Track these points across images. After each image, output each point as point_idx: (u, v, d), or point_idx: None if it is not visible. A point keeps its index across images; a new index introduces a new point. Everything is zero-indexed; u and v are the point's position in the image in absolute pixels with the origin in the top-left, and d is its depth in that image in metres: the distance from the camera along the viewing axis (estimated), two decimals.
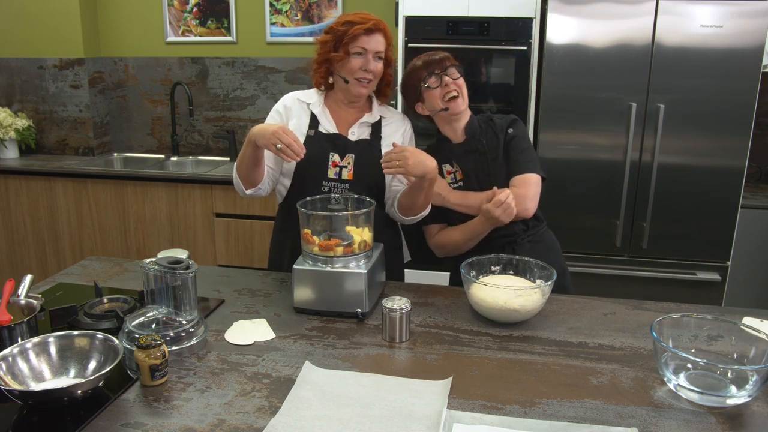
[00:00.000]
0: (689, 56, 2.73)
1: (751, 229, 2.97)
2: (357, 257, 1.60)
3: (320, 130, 1.84)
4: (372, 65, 1.76)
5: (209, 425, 1.14)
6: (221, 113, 3.92)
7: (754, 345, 1.31)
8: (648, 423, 1.16)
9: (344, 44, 1.75)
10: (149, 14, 3.87)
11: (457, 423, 1.14)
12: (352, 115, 1.88)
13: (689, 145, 2.82)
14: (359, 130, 1.86)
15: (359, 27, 1.73)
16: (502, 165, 1.84)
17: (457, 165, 1.88)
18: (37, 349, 1.28)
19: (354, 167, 1.82)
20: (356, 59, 1.75)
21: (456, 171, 1.88)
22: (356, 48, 1.74)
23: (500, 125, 1.87)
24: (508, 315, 1.53)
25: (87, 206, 3.52)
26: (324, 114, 1.86)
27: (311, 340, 1.48)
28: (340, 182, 1.82)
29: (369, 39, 1.75)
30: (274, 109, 1.91)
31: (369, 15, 1.78)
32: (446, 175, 1.89)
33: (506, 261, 1.71)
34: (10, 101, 3.94)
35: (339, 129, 1.85)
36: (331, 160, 1.82)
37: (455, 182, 1.88)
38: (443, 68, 1.81)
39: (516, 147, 1.85)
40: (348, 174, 1.81)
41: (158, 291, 1.44)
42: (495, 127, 1.87)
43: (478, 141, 1.85)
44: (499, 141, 1.85)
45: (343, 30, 1.75)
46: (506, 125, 1.87)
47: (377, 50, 1.77)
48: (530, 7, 2.95)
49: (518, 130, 1.87)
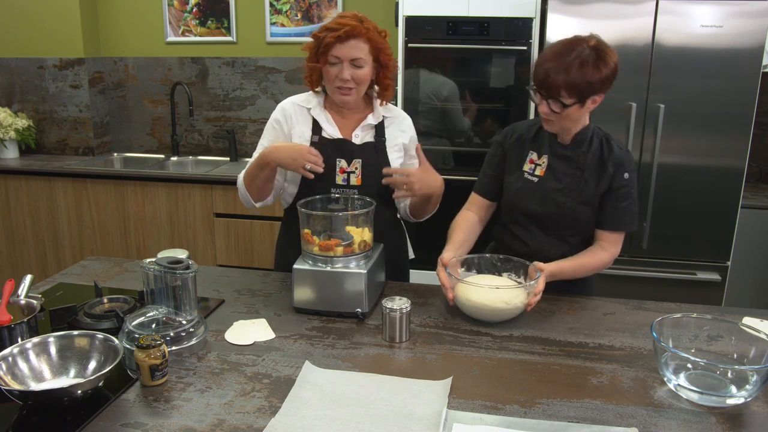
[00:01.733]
0: (689, 56, 2.73)
1: (751, 229, 2.97)
2: (357, 257, 1.60)
3: (324, 135, 1.80)
4: (346, 73, 1.68)
5: (209, 425, 1.14)
6: (221, 113, 3.92)
7: (754, 345, 1.31)
8: (648, 423, 1.16)
9: (321, 53, 1.69)
10: (149, 14, 3.87)
11: (457, 423, 1.14)
12: (354, 117, 1.84)
13: (689, 145, 2.82)
14: (363, 133, 1.82)
15: (331, 35, 1.65)
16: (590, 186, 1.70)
17: (545, 160, 1.74)
18: (37, 349, 1.28)
19: (362, 172, 1.79)
20: (332, 68, 1.69)
21: (540, 165, 1.75)
22: (331, 58, 1.68)
23: (617, 158, 1.68)
24: (494, 314, 1.54)
25: (87, 206, 3.52)
26: (326, 118, 1.81)
27: (311, 340, 1.48)
28: (349, 188, 1.79)
29: (342, 46, 1.66)
30: (273, 117, 1.85)
31: (347, 19, 1.68)
32: (528, 163, 1.76)
33: (489, 260, 1.72)
34: (10, 101, 3.94)
35: (342, 133, 1.81)
36: (339, 166, 1.78)
37: (531, 174, 1.75)
38: (548, 93, 1.59)
39: (625, 195, 1.69)
40: (356, 179, 1.78)
41: (158, 291, 1.44)
42: (607, 154, 1.69)
43: (583, 154, 1.70)
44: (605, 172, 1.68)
45: (321, 37, 1.69)
46: (623, 166, 1.68)
47: (353, 57, 1.67)
48: (530, 7, 2.95)
49: (633, 177, 1.70)
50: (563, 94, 1.57)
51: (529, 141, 1.78)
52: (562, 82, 1.55)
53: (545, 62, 1.59)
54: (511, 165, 1.80)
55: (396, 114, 1.90)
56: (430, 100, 3.17)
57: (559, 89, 1.56)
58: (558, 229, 1.74)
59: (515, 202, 1.78)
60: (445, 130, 3.21)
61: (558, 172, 1.72)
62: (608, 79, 1.59)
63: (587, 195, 1.70)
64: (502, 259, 1.70)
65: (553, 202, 1.72)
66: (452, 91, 3.15)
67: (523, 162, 1.78)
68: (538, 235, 1.77)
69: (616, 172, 1.69)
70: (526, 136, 1.79)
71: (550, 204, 1.72)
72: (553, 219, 1.73)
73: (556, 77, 1.55)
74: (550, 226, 1.75)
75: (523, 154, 1.78)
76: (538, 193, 1.74)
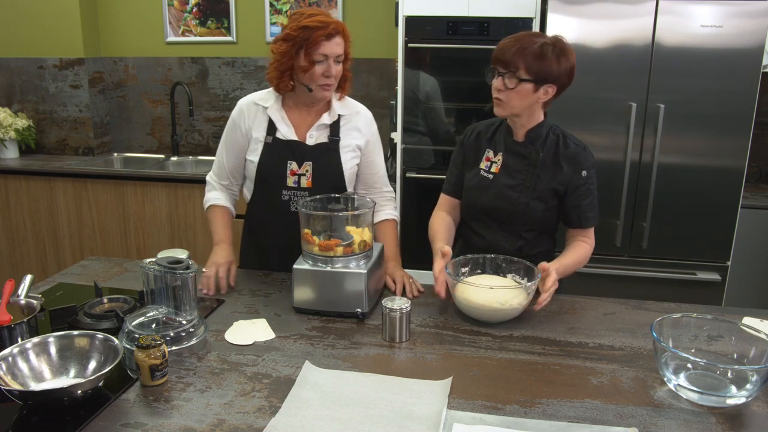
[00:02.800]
0: (689, 56, 2.73)
1: (751, 229, 2.97)
2: (357, 257, 1.60)
3: (278, 136, 1.81)
4: (333, 70, 1.71)
5: (209, 425, 1.14)
6: (221, 113, 3.92)
7: (754, 345, 1.31)
8: (648, 423, 1.16)
9: (306, 52, 1.68)
10: (149, 14, 3.87)
11: (457, 423, 1.14)
12: (310, 117, 1.84)
13: (689, 145, 2.82)
14: (317, 133, 1.82)
15: (320, 33, 1.66)
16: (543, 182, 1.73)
17: (500, 158, 1.77)
18: (37, 349, 1.28)
19: (312, 175, 1.80)
20: (319, 66, 1.69)
21: (496, 162, 1.78)
22: (318, 56, 1.68)
23: (572, 156, 1.72)
24: (491, 314, 1.55)
25: (87, 206, 3.52)
26: (282, 119, 1.81)
27: (311, 340, 1.48)
28: (299, 190, 1.81)
29: (329, 44, 1.68)
30: (231, 116, 1.86)
31: (325, 17, 1.70)
32: (484, 161, 1.80)
33: (489, 261, 1.72)
34: (10, 101, 3.94)
35: (297, 133, 1.81)
36: (289, 168, 1.80)
37: (487, 171, 1.79)
38: (506, 67, 1.63)
39: (586, 192, 1.73)
40: (307, 182, 1.80)
41: (158, 291, 1.44)
42: (562, 150, 1.73)
43: (535, 151, 1.74)
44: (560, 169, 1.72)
45: (304, 36, 1.67)
46: (580, 164, 1.72)
47: (338, 54, 1.71)
48: (530, 7, 2.95)
49: (592, 172, 1.74)
50: (520, 70, 1.61)
51: (487, 139, 1.83)
52: (519, 57, 1.61)
53: (506, 42, 1.65)
54: (469, 163, 1.85)
55: (354, 110, 1.88)
56: (430, 100, 3.17)
57: (517, 63, 1.61)
58: (513, 224, 1.79)
59: (472, 198, 1.83)
60: (446, 130, 3.21)
61: (512, 169, 1.77)
62: (565, 74, 1.64)
63: (540, 191, 1.74)
64: (507, 260, 1.70)
65: (506, 198, 1.76)
66: (451, 91, 3.15)
67: (480, 160, 1.82)
68: (495, 230, 1.81)
69: (573, 171, 1.72)
70: (484, 135, 1.84)
71: (504, 200, 1.76)
72: (507, 214, 1.77)
73: (515, 51, 1.61)
74: (506, 222, 1.79)
75: (480, 152, 1.83)
76: (492, 190, 1.78)
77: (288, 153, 1.80)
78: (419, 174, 3.19)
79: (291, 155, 1.80)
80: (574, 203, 1.75)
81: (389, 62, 3.56)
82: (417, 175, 3.19)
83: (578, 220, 1.77)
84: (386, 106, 3.51)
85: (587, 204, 1.75)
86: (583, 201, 1.74)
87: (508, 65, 1.63)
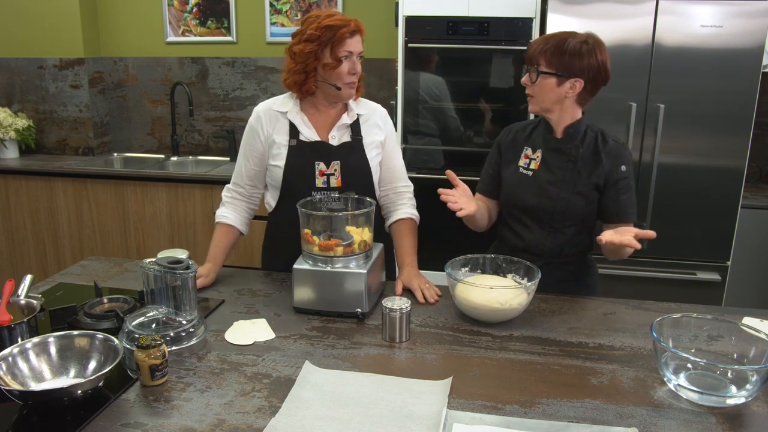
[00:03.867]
0: (689, 56, 2.73)
1: (751, 229, 2.97)
2: (357, 257, 1.60)
3: (302, 138, 1.80)
4: (358, 67, 1.75)
5: (209, 425, 1.14)
6: (221, 113, 3.92)
7: (754, 345, 1.31)
8: (648, 423, 1.16)
9: (332, 50, 1.70)
10: (149, 14, 3.87)
11: (457, 423, 1.14)
12: (329, 118, 1.84)
13: (689, 145, 2.82)
14: (339, 133, 1.83)
15: (344, 30, 1.69)
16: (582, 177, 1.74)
17: (539, 155, 1.78)
18: (37, 349, 1.28)
19: (341, 173, 1.80)
20: (345, 63, 1.71)
21: (534, 159, 1.79)
22: (344, 52, 1.70)
23: (612, 151, 1.73)
24: (490, 314, 1.54)
25: (87, 206, 3.52)
26: (302, 121, 1.81)
27: (311, 340, 1.48)
28: (329, 190, 1.80)
29: (353, 41, 1.71)
30: (249, 123, 1.86)
31: (343, 15, 1.74)
32: (523, 158, 1.81)
33: (489, 261, 1.72)
34: (10, 101, 3.94)
35: (319, 134, 1.82)
36: (318, 169, 1.80)
37: (526, 168, 1.79)
38: (530, 61, 1.70)
39: (625, 187, 1.74)
40: (336, 181, 1.80)
41: (158, 291, 1.44)
42: (601, 146, 1.74)
43: (575, 146, 1.74)
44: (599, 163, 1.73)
45: (329, 36, 1.69)
46: (620, 158, 1.73)
47: (360, 51, 1.74)
48: (530, 7, 2.95)
49: (630, 169, 1.75)
50: (542, 64, 1.67)
51: (525, 138, 1.84)
52: (541, 52, 1.67)
53: (536, 40, 1.73)
54: (507, 161, 1.85)
55: (371, 109, 1.90)
56: (430, 100, 3.17)
57: (539, 58, 1.67)
58: (553, 220, 1.78)
59: (511, 195, 1.83)
60: (446, 130, 3.21)
61: (552, 165, 1.77)
62: (592, 68, 1.66)
63: (580, 186, 1.74)
64: (507, 260, 1.70)
65: (546, 194, 1.76)
66: (452, 91, 3.15)
67: (519, 157, 1.82)
68: (534, 228, 1.80)
69: (613, 165, 1.73)
70: (522, 134, 1.85)
71: (543, 196, 1.76)
72: (547, 211, 1.77)
73: (539, 47, 1.68)
74: (545, 218, 1.78)
75: (518, 150, 1.83)
76: (532, 186, 1.78)
77: (314, 154, 1.80)
78: (419, 174, 3.19)
79: (318, 156, 1.80)
80: (614, 197, 1.74)
81: (389, 62, 3.56)
82: (417, 175, 3.19)
83: (617, 214, 1.75)
84: (386, 106, 3.50)
85: (626, 199, 1.74)
86: (623, 195, 1.74)
87: (531, 60, 1.69)
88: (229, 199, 1.93)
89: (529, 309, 1.62)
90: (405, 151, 3.21)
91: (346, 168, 1.80)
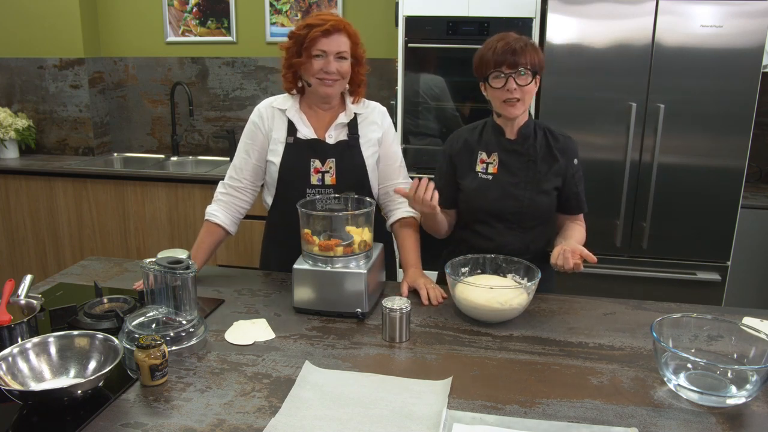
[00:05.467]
0: (689, 56, 2.73)
1: (751, 229, 2.97)
2: (357, 257, 1.60)
3: (299, 136, 1.82)
4: (333, 66, 1.73)
5: (209, 425, 1.14)
6: (221, 113, 3.92)
7: (754, 345, 1.31)
8: (648, 423, 1.16)
9: (305, 48, 1.73)
10: (149, 14, 3.87)
11: (457, 423, 1.14)
12: (327, 117, 1.86)
13: (689, 145, 2.82)
14: (336, 132, 1.84)
15: (317, 29, 1.71)
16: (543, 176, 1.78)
17: (495, 158, 1.79)
18: (37, 349, 1.28)
19: (336, 171, 1.81)
20: (317, 61, 1.73)
21: (491, 162, 1.79)
22: (316, 51, 1.72)
23: (563, 146, 1.79)
24: (490, 314, 1.55)
25: (87, 206, 3.52)
26: (300, 119, 1.83)
27: (311, 340, 1.48)
28: (324, 188, 1.81)
29: (328, 41, 1.72)
30: (251, 120, 1.88)
31: (329, 16, 1.75)
32: (479, 163, 1.81)
33: (489, 261, 1.73)
34: (10, 101, 3.94)
35: (317, 133, 1.84)
36: (313, 166, 1.81)
37: (485, 173, 1.80)
38: (515, 68, 1.66)
39: (579, 179, 1.82)
40: (331, 179, 1.81)
41: (158, 291, 1.44)
42: (553, 143, 1.78)
43: (531, 146, 1.77)
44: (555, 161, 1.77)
45: (303, 34, 1.73)
46: (572, 153, 1.80)
47: (338, 51, 1.73)
48: (530, 7, 2.95)
49: (579, 159, 1.83)
50: (528, 65, 1.67)
51: (475, 143, 1.83)
52: (521, 54, 1.65)
53: (495, 47, 1.68)
54: (463, 169, 1.84)
55: (370, 108, 1.91)
56: (431, 100, 3.17)
57: (525, 57, 1.66)
58: (522, 221, 1.80)
59: (475, 201, 1.82)
60: (446, 130, 3.21)
61: (511, 167, 1.79)
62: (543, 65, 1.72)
63: (544, 184, 1.78)
64: (507, 260, 1.70)
65: (511, 196, 1.78)
66: (452, 91, 3.15)
67: (475, 163, 1.82)
68: (502, 229, 1.81)
69: (567, 161, 1.79)
70: (471, 139, 1.84)
71: (509, 198, 1.78)
72: (514, 212, 1.79)
73: (518, 51, 1.65)
74: (512, 219, 1.80)
75: (472, 156, 1.83)
76: (496, 190, 1.79)
77: (310, 151, 1.82)
78: (419, 174, 3.19)
79: (313, 153, 1.82)
80: (573, 190, 1.82)
81: (389, 62, 3.56)
82: (417, 175, 3.19)
83: (578, 205, 1.85)
84: (386, 106, 3.50)
85: (582, 190, 1.84)
86: (579, 187, 1.83)
87: (516, 65, 1.66)
88: (223, 195, 1.93)
89: (529, 309, 1.62)
90: (405, 151, 3.21)
91: (341, 166, 1.82)
